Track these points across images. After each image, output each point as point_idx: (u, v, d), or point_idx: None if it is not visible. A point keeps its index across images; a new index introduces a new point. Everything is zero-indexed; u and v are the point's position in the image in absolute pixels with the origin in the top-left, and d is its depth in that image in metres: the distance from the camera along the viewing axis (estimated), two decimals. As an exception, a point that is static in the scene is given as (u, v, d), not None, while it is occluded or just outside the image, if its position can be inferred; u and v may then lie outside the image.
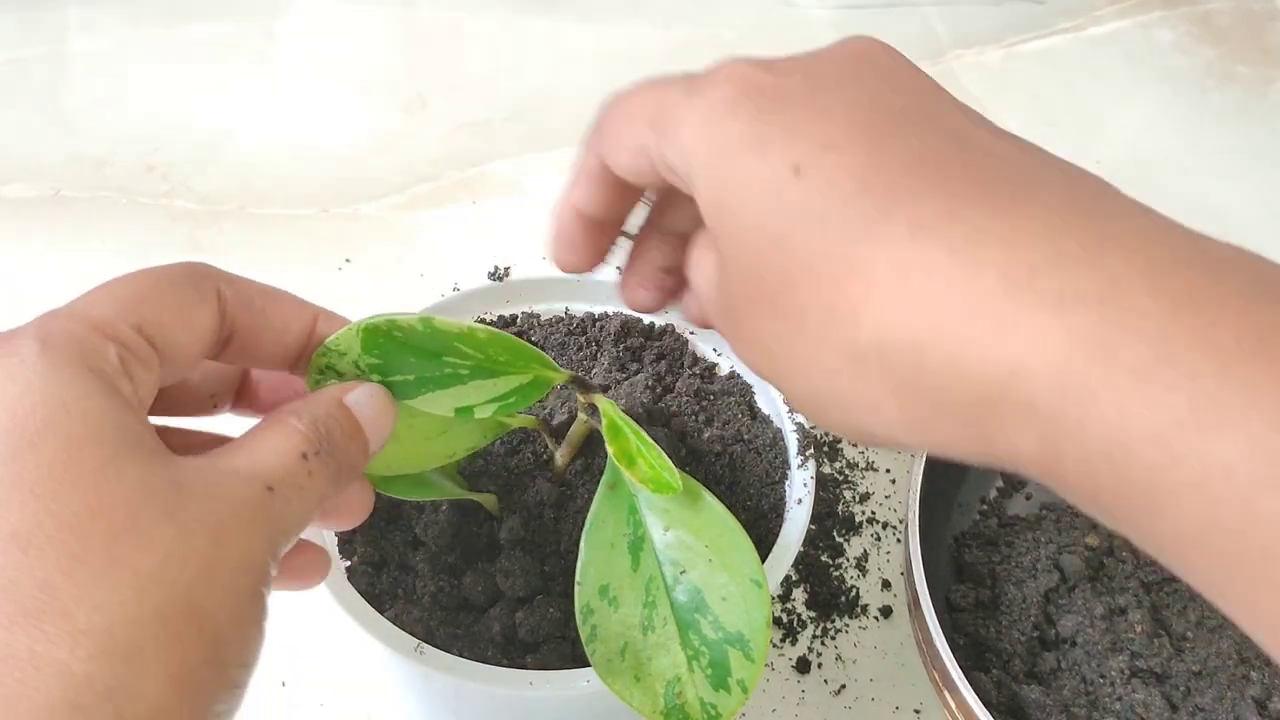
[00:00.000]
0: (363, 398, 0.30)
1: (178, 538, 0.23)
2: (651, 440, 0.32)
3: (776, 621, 0.48)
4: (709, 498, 0.32)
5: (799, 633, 0.48)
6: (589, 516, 0.33)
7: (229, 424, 0.31)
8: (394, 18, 0.76)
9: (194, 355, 0.28)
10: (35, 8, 0.75)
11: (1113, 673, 0.41)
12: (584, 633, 0.32)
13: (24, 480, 0.23)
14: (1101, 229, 0.23)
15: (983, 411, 0.23)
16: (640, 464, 0.32)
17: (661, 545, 0.32)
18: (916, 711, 0.46)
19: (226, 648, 0.24)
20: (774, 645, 0.48)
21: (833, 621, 0.48)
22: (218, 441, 0.28)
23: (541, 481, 0.38)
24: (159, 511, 0.24)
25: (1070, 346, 0.21)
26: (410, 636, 0.35)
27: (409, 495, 0.35)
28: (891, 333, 0.24)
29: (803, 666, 0.47)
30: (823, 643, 0.48)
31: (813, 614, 0.49)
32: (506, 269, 0.45)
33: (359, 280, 0.60)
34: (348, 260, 0.61)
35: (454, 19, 0.76)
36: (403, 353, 0.30)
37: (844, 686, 0.47)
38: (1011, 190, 0.24)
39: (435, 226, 0.64)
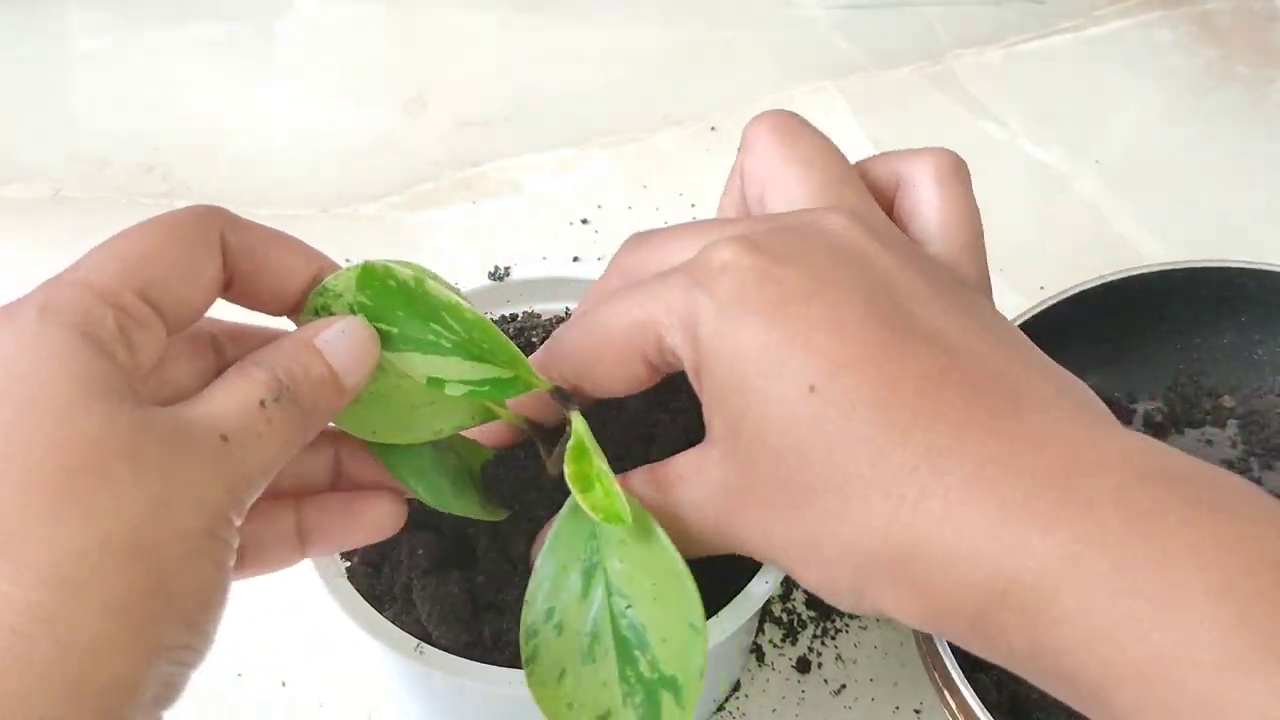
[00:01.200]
0: (335, 336, 0.30)
1: (132, 477, 0.24)
2: (609, 471, 0.31)
3: (776, 621, 0.48)
4: (661, 535, 0.32)
5: (799, 633, 0.48)
6: (549, 534, 0.33)
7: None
8: (394, 18, 0.76)
9: (199, 307, 0.29)
10: (35, 8, 0.75)
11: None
12: (525, 651, 0.32)
13: None
14: (1081, 454, 0.27)
15: (987, 616, 0.27)
16: (597, 490, 0.31)
17: (614, 576, 0.32)
18: (916, 712, 0.46)
19: (174, 582, 0.25)
20: (774, 645, 0.48)
21: (833, 621, 0.48)
22: None
23: (536, 490, 0.38)
24: (119, 451, 0.24)
25: (1050, 560, 0.25)
26: (410, 636, 0.35)
27: (436, 504, 0.34)
28: (915, 547, 0.27)
29: (803, 666, 0.47)
30: (823, 643, 0.48)
31: (813, 614, 0.49)
32: (507, 268, 0.45)
33: (359, 280, 0.60)
34: (348, 260, 0.61)
35: (454, 19, 0.76)
36: (394, 302, 0.30)
37: (844, 686, 0.47)
38: (1009, 412, 0.28)
39: (435, 226, 0.64)
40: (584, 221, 0.64)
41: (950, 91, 0.72)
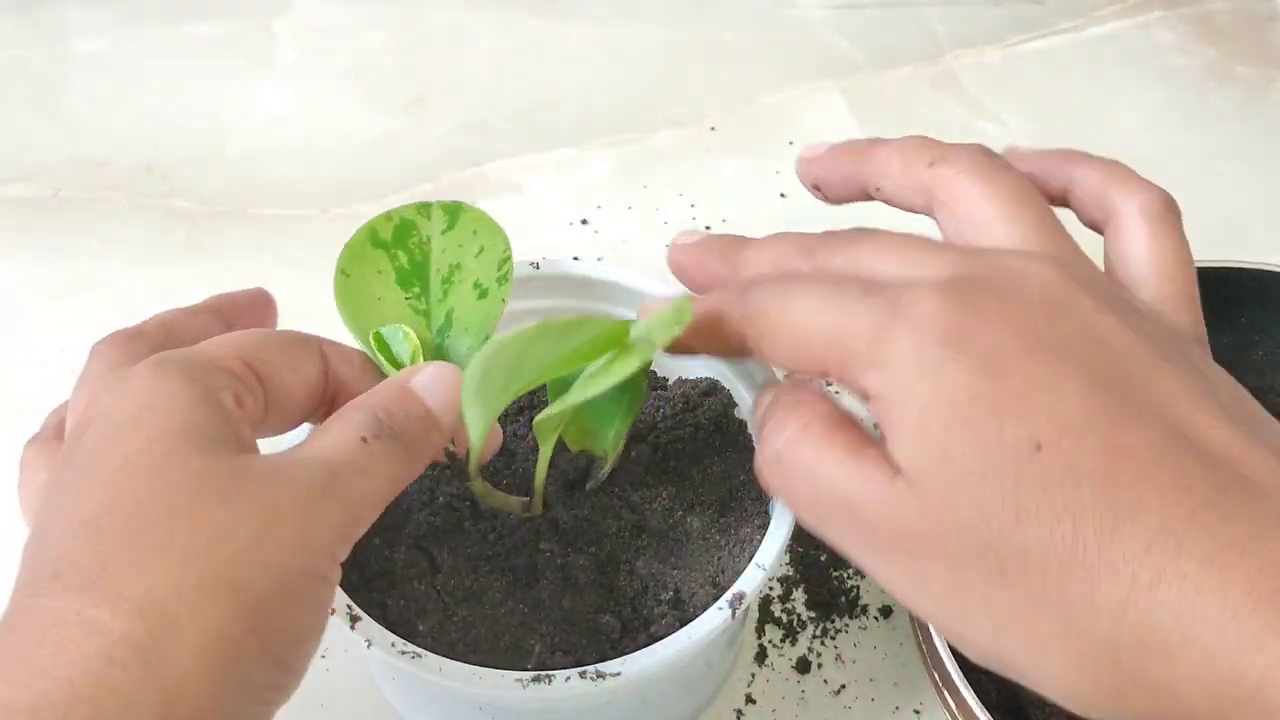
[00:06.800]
0: (428, 379, 0.31)
1: (226, 518, 0.26)
2: None
3: (776, 622, 0.48)
4: None
5: (799, 633, 0.48)
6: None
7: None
8: (394, 18, 0.76)
9: (300, 400, 0.31)
10: (35, 8, 0.75)
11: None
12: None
13: (105, 471, 0.26)
14: None
15: (1219, 714, 0.24)
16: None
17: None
18: (916, 712, 0.46)
19: (270, 620, 0.26)
20: (774, 645, 0.48)
21: (833, 621, 0.48)
22: None
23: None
24: (214, 496, 0.26)
25: None
26: (397, 638, 0.34)
27: None
28: (1148, 636, 0.25)
29: (803, 666, 0.47)
30: (822, 643, 0.48)
31: (812, 614, 0.49)
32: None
33: (359, 280, 0.60)
34: (348, 260, 0.61)
35: (454, 19, 0.76)
36: None
37: (844, 686, 0.47)
38: (1241, 491, 0.25)
39: (435, 226, 0.64)
40: (584, 222, 0.64)
41: (950, 91, 0.72)
